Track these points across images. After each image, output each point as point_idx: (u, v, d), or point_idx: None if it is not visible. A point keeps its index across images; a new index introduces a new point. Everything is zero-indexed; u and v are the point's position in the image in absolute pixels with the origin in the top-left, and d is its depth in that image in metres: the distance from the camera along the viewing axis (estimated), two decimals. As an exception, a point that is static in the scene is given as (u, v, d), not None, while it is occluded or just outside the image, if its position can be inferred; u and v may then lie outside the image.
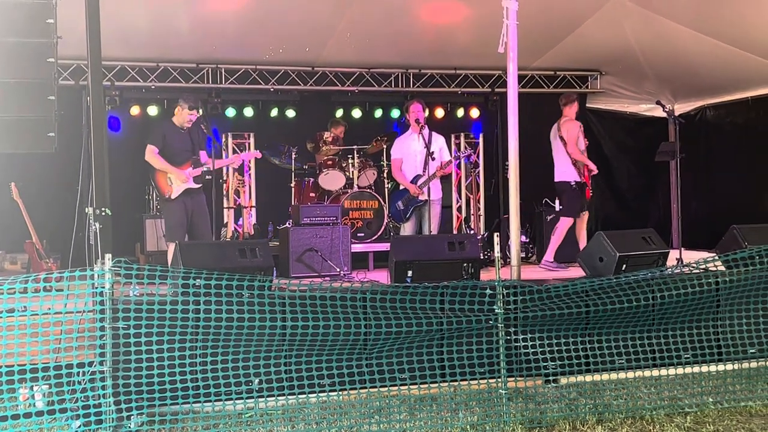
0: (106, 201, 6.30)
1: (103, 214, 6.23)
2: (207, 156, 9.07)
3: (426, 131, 9.67)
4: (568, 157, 10.19)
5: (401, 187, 9.90)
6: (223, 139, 11.96)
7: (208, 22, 10.09)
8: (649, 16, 10.24)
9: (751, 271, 7.09)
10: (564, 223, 10.24)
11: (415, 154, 9.71)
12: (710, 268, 7.39)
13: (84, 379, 5.68)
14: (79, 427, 5.58)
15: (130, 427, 5.65)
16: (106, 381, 5.59)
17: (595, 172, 10.40)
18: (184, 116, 8.81)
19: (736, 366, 7.07)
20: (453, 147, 13.08)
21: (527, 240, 11.83)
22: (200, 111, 9.16)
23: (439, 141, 9.81)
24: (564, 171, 10.28)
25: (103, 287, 5.62)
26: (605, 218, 13.63)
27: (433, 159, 9.49)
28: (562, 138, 10.22)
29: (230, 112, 12.31)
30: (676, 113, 12.70)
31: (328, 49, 11.27)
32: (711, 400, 6.48)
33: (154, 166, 8.78)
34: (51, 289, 5.87)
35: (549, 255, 10.25)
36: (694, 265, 7.25)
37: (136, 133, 11.81)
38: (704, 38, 10.47)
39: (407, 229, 9.79)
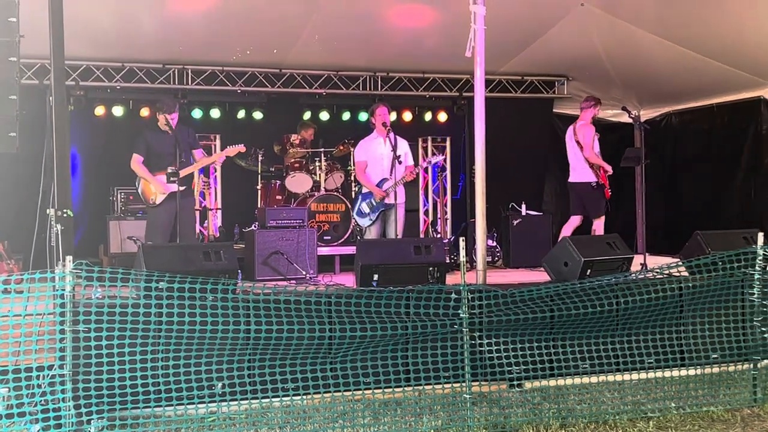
0: (67, 202, 6.22)
1: (65, 215, 6.16)
2: (203, 153, 9.36)
3: (392, 135, 9.62)
4: (585, 160, 10.39)
5: (365, 189, 9.83)
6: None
7: (175, 23, 10.02)
8: (615, 22, 10.31)
9: (714, 277, 7.14)
10: (574, 223, 10.58)
11: (381, 157, 9.62)
12: (674, 274, 7.44)
13: (44, 383, 5.59)
14: (39, 431, 5.50)
15: (90, 431, 5.58)
16: (66, 384, 5.51)
17: (611, 172, 10.57)
18: (162, 121, 8.87)
19: (698, 371, 7.11)
20: (420, 152, 13.09)
21: (494, 244, 11.86)
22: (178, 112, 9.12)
23: (404, 146, 9.74)
24: (581, 173, 10.50)
25: (64, 289, 5.54)
26: (571, 223, 13.70)
27: (400, 162, 9.45)
28: (578, 142, 10.46)
29: (196, 113, 12.23)
30: (642, 119, 12.85)
31: (296, 51, 11.22)
32: (673, 404, 6.52)
33: (138, 174, 8.89)
34: (11, 291, 5.78)
35: None
36: (658, 270, 7.29)
37: (100, 134, 11.73)
38: (670, 45, 10.57)
39: (372, 232, 9.72)
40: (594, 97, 10.84)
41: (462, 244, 6.51)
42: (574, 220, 10.53)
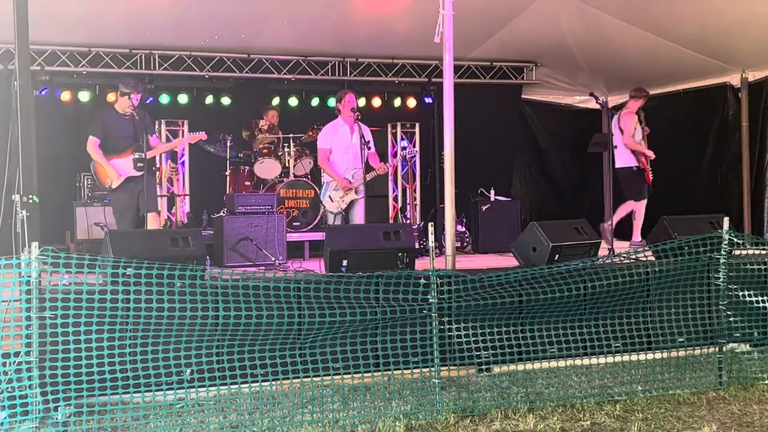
0: (33, 188, 6.18)
1: (30, 201, 6.11)
2: (157, 139, 9.22)
3: (359, 122, 9.50)
4: (625, 146, 10.75)
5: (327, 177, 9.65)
6: (157, 126, 11.75)
7: (142, 7, 9.88)
8: (583, 8, 10.33)
9: (679, 261, 7.22)
10: (628, 207, 10.86)
11: (348, 146, 9.40)
12: (640, 259, 7.51)
13: (10, 370, 5.55)
14: (5, 418, 5.47)
15: (57, 418, 5.55)
16: (32, 371, 5.47)
17: (653, 157, 10.92)
18: (124, 102, 8.68)
19: (665, 355, 7.20)
20: (390, 138, 13.07)
21: (463, 229, 11.89)
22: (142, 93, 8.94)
23: (368, 133, 9.62)
24: (623, 158, 10.80)
25: (30, 276, 5.49)
26: (539, 208, 13.79)
27: (369, 149, 9.38)
28: (621, 129, 10.76)
29: (164, 98, 12.13)
30: (610, 105, 12.89)
31: (265, 36, 11.15)
32: (640, 388, 6.59)
33: (93, 158, 8.70)
34: (-24, 278, 5.72)
35: (636, 236, 10.82)
36: (625, 255, 7.35)
37: (66, 119, 11.60)
38: (637, 31, 10.62)
39: (338, 219, 9.63)
40: (643, 89, 11.11)
41: (431, 229, 6.53)
42: (627, 205, 10.89)
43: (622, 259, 7.42)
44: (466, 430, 5.73)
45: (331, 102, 12.52)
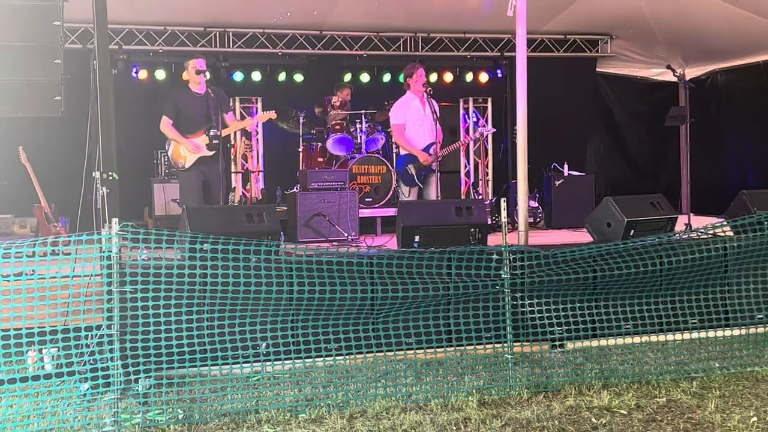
0: (113, 165, 6.31)
1: (110, 178, 6.24)
2: (233, 117, 9.38)
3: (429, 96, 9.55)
4: None
5: (404, 151, 9.77)
6: (231, 104, 11.89)
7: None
8: (659, -21, 10.16)
9: (759, 236, 7.07)
10: None
11: (422, 120, 9.55)
12: (718, 234, 7.37)
13: (92, 343, 5.70)
14: (88, 389, 5.62)
15: (137, 389, 5.68)
16: (113, 344, 5.61)
17: None
18: (192, 76, 8.86)
19: (743, 331, 7.08)
20: (461, 113, 13.02)
21: (536, 205, 11.81)
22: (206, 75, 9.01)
23: (435, 105, 9.69)
24: None
25: (111, 251, 5.62)
26: (614, 183, 13.61)
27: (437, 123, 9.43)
28: None
29: (238, 76, 12.26)
30: (687, 78, 12.64)
31: (336, 12, 11.19)
32: (717, 365, 6.49)
33: (167, 136, 8.91)
34: (59, 252, 5.88)
35: None
36: (703, 230, 7.23)
37: (143, 97, 11.79)
38: (715, 1, 10.37)
39: (412, 193, 9.71)
40: None
41: (503, 205, 6.50)
42: None
43: (699, 234, 7.29)
44: (539, 405, 5.72)
45: (403, 78, 12.50)
